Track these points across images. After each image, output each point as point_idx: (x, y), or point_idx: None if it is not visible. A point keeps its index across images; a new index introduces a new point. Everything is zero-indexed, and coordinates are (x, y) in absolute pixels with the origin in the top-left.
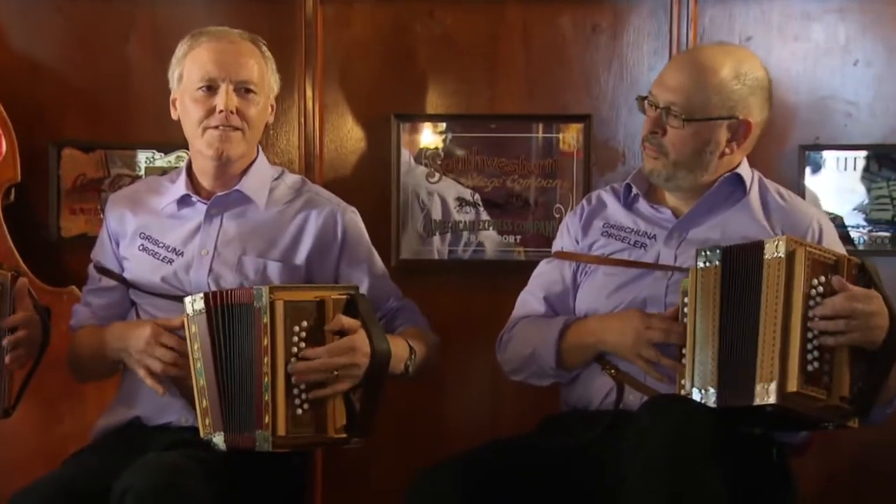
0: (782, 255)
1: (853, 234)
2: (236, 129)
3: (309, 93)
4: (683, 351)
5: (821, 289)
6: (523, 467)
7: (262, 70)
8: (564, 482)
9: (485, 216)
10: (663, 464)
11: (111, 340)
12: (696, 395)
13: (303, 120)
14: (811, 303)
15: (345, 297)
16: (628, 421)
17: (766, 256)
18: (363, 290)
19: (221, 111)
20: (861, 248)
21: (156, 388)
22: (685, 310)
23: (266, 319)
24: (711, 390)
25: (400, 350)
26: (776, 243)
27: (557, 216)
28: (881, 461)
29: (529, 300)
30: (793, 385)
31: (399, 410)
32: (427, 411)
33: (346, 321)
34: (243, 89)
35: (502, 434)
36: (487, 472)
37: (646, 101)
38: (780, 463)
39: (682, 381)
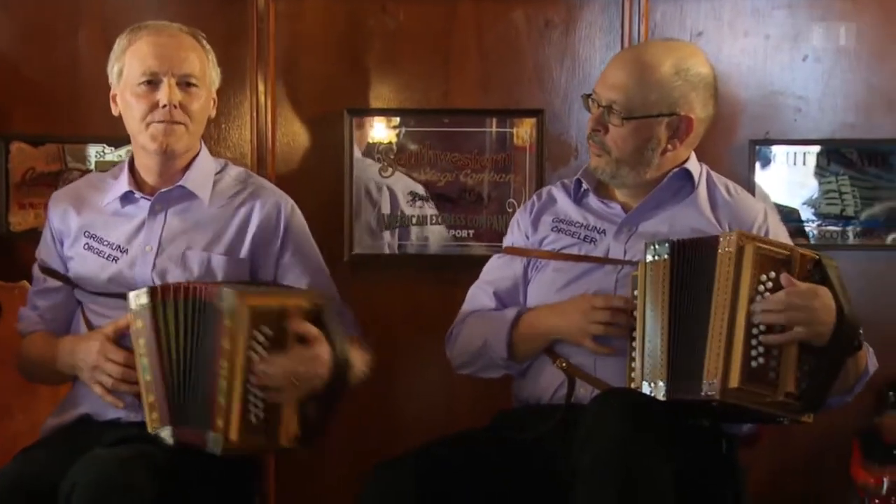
0: (732, 251)
1: (805, 228)
2: (180, 123)
3: (261, 87)
4: (634, 344)
5: (770, 284)
6: (478, 461)
7: (203, 64)
8: (519, 476)
9: (437, 211)
10: (613, 457)
11: (63, 356)
12: (645, 389)
13: (255, 114)
14: (758, 298)
15: (311, 305)
16: (580, 415)
17: (718, 251)
18: (302, 287)
19: (164, 105)
20: (813, 242)
21: (115, 404)
22: (635, 302)
23: (228, 322)
24: (661, 384)
25: (360, 362)
26: (727, 238)
27: (510, 210)
28: (833, 450)
29: (479, 295)
30: (734, 381)
31: (352, 407)
32: (380, 407)
33: (309, 329)
34: (185, 83)
35: (456, 429)
36: (442, 466)
37: (590, 99)
38: (729, 455)
39: (632, 375)
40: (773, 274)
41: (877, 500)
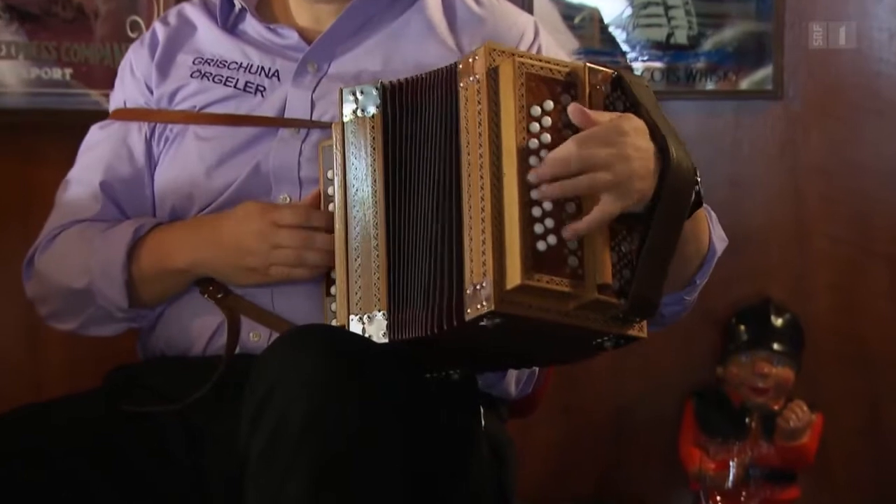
0: (480, 78)
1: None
2: None
3: None
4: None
5: (548, 121)
6: (74, 447)
7: None
8: (146, 471)
9: (12, 36)
10: (302, 438)
11: None
12: (354, 326)
13: None
14: (533, 143)
15: None
16: (247, 373)
17: (460, 86)
18: None
19: None
20: None
21: None
22: (330, 190)
23: None
24: (379, 316)
25: None
26: (469, 61)
27: (136, 36)
28: (651, 421)
29: (77, 191)
30: (515, 276)
31: None
32: None
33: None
34: None
35: (46, 398)
36: (12, 453)
37: None
38: (491, 427)
39: (332, 306)
40: (550, 104)
41: (719, 497)
